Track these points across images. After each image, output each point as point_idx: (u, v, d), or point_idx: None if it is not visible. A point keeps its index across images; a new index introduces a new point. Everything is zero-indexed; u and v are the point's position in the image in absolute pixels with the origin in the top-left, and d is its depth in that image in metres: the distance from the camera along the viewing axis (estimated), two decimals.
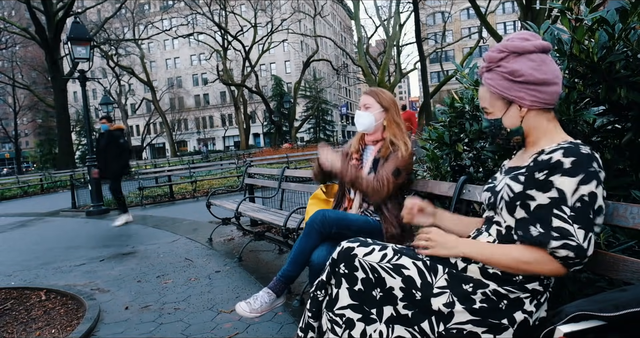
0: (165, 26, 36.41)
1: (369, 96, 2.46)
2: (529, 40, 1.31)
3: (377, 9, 38.11)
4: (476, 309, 1.23)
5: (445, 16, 35.63)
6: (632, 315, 0.99)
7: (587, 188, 1.16)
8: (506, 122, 1.39)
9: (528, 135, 1.38)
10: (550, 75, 1.30)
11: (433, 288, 1.27)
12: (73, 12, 19.50)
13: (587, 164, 1.18)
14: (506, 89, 1.33)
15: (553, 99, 1.33)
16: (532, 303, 1.24)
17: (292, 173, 4.80)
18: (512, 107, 1.36)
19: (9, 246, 6.50)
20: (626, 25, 1.54)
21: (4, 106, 49.55)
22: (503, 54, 1.33)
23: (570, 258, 1.15)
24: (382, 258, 1.35)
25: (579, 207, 1.16)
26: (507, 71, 1.31)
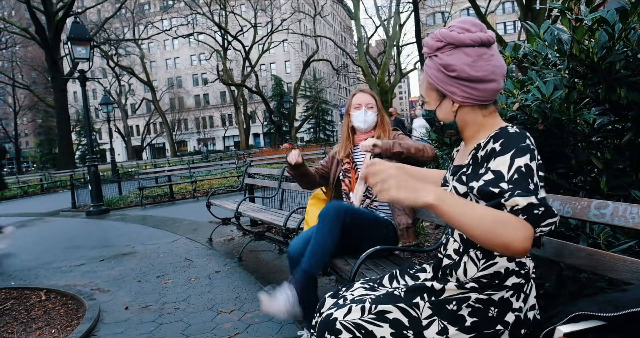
0: (165, 26, 36.43)
1: (370, 96, 2.58)
2: (468, 32, 1.22)
3: (377, 9, 38.09)
4: (469, 327, 1.20)
5: (445, 16, 35.64)
6: (632, 315, 0.99)
7: (521, 160, 1.09)
8: (439, 115, 1.31)
9: (463, 130, 1.30)
10: (485, 72, 1.20)
11: (421, 322, 1.23)
12: (73, 12, 19.50)
13: (516, 141, 1.13)
14: (440, 81, 1.26)
15: (490, 96, 1.24)
16: (519, 300, 1.21)
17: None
18: (445, 100, 1.28)
19: (9, 246, 6.49)
20: (626, 25, 1.54)
21: (4, 106, 49.56)
22: (440, 44, 1.24)
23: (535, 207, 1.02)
24: (362, 313, 1.29)
25: (517, 178, 1.07)
26: (442, 63, 1.23)
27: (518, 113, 1.86)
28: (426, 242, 4.13)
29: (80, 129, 46.20)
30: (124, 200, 10.98)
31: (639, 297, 1.02)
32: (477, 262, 1.22)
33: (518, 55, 2.06)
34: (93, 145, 10.50)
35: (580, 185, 1.83)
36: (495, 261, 1.20)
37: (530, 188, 1.05)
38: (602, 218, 1.32)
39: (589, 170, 1.81)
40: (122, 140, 51.31)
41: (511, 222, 1.01)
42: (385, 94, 27.45)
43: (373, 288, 1.44)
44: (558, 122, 1.74)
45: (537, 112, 1.75)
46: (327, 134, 54.13)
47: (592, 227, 1.60)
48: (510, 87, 1.90)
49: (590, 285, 1.58)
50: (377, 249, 2.07)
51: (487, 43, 1.23)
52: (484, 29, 1.24)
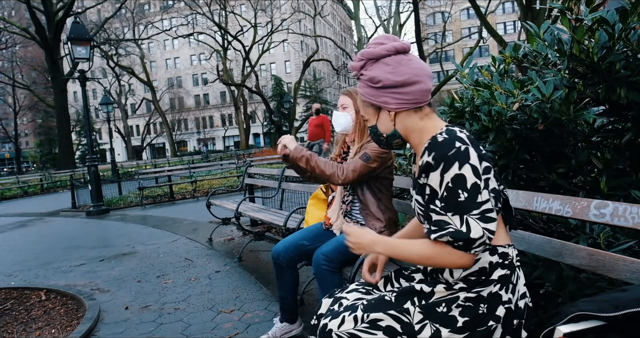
0: (165, 26, 36.42)
1: (346, 96, 2.41)
2: (382, 44, 1.31)
3: (377, 9, 38.18)
4: (461, 327, 1.20)
5: (445, 16, 35.62)
6: (632, 315, 0.99)
7: (449, 175, 1.16)
8: (381, 128, 1.38)
9: (408, 138, 1.35)
10: (408, 75, 1.28)
11: (414, 327, 1.24)
12: (73, 12, 19.51)
13: (444, 151, 1.17)
14: (372, 95, 1.33)
15: (421, 97, 1.30)
16: (507, 292, 1.22)
17: (292, 173, 4.79)
18: (382, 112, 1.35)
19: (9, 246, 6.50)
20: (626, 25, 1.54)
21: (4, 106, 49.55)
22: (362, 63, 1.33)
23: (457, 243, 1.15)
24: (355, 322, 1.31)
25: (446, 196, 1.16)
26: (367, 79, 1.32)
27: (518, 113, 1.86)
28: None
29: (80, 129, 46.19)
30: (124, 200, 10.98)
31: (639, 297, 1.02)
32: None
33: (518, 55, 2.06)
34: (93, 145, 10.50)
35: (580, 185, 1.83)
36: (478, 257, 1.22)
37: (461, 201, 1.15)
38: (602, 218, 1.32)
39: (589, 170, 1.81)
40: (122, 140, 51.31)
41: (444, 252, 1.19)
42: None
43: (368, 292, 1.46)
44: (558, 122, 1.74)
45: (537, 112, 1.75)
46: None
47: (592, 227, 1.60)
48: (510, 87, 1.89)
49: (590, 285, 1.58)
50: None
51: (402, 50, 1.31)
52: (397, 39, 1.33)
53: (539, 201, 1.54)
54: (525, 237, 1.57)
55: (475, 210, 1.14)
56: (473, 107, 2.21)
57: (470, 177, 1.15)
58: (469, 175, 1.15)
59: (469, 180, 1.15)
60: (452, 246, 1.16)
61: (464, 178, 1.15)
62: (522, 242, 1.58)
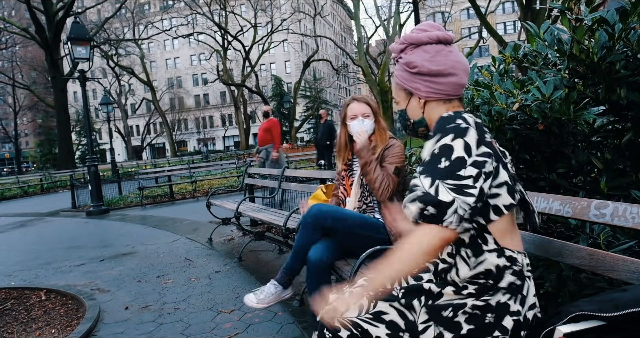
0: (165, 26, 36.40)
1: (365, 105, 2.46)
2: (426, 32, 1.31)
3: (377, 9, 38.08)
4: (465, 335, 1.18)
5: (445, 16, 35.63)
6: (632, 315, 0.99)
7: (440, 143, 1.14)
8: (409, 113, 1.40)
9: (431, 126, 1.34)
10: (444, 66, 1.28)
11: (418, 326, 1.23)
12: (73, 12, 19.50)
13: (444, 124, 1.18)
14: (406, 80, 1.34)
15: (453, 90, 1.30)
16: (516, 302, 1.19)
17: (292, 174, 4.80)
18: (412, 98, 1.36)
19: (9, 246, 6.50)
20: (626, 25, 1.54)
21: (4, 106, 49.56)
22: (403, 46, 1.34)
23: (423, 209, 1.08)
24: (360, 311, 1.31)
25: (427, 161, 1.15)
26: (405, 62, 1.32)
27: (518, 113, 1.86)
28: None
29: (80, 129, 46.19)
30: (124, 200, 10.98)
31: (639, 297, 1.02)
32: (468, 260, 1.22)
33: (518, 55, 2.06)
34: (93, 145, 10.50)
35: (580, 185, 1.83)
36: (484, 258, 1.20)
37: (440, 167, 1.11)
38: (602, 218, 1.32)
39: (589, 170, 1.81)
40: (122, 140, 51.30)
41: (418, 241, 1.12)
42: (385, 94, 27.43)
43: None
44: (558, 122, 1.74)
45: (537, 112, 1.75)
46: None
47: (592, 227, 1.60)
48: (510, 87, 1.89)
49: (590, 285, 1.58)
50: (376, 249, 2.07)
51: (445, 40, 1.31)
52: (442, 28, 1.33)
53: (539, 201, 1.54)
54: (525, 237, 1.57)
55: (450, 179, 1.10)
56: (473, 107, 2.21)
57: (459, 151, 1.12)
58: (457, 148, 1.13)
59: (456, 153, 1.12)
60: (423, 220, 1.09)
61: (452, 150, 1.13)
62: (522, 242, 1.58)
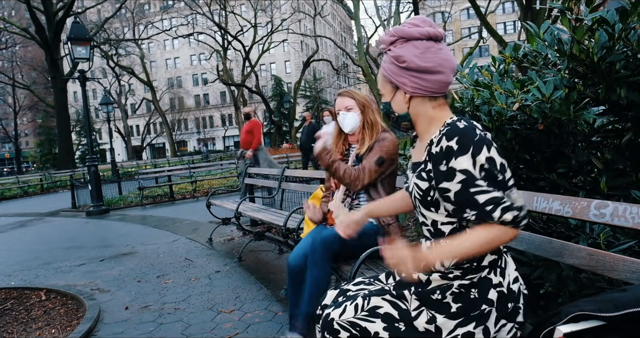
0: (165, 26, 36.37)
1: (349, 98, 2.47)
2: (417, 27, 1.31)
3: (377, 9, 38.04)
4: (455, 312, 1.24)
5: (445, 16, 35.60)
6: (632, 315, 0.99)
7: (481, 156, 1.18)
8: (394, 107, 1.40)
9: (416, 122, 1.38)
10: (433, 64, 1.28)
11: (411, 313, 1.28)
12: (73, 12, 19.50)
13: (470, 136, 1.20)
14: (393, 73, 1.34)
15: (439, 88, 1.31)
16: (496, 275, 1.25)
17: (292, 174, 4.80)
18: (398, 92, 1.36)
19: (9, 246, 6.50)
20: (626, 25, 1.54)
21: (4, 106, 49.55)
22: (393, 38, 1.33)
23: (516, 216, 1.16)
24: (356, 311, 1.35)
25: (485, 175, 1.18)
26: (394, 56, 1.32)
27: (518, 113, 1.86)
28: None
29: (80, 129, 46.17)
30: (124, 200, 10.98)
31: (639, 297, 1.02)
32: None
33: (518, 55, 2.06)
34: (93, 145, 10.50)
35: (580, 185, 1.83)
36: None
37: (499, 179, 1.18)
38: (602, 218, 1.32)
39: (589, 170, 1.81)
40: (122, 140, 51.28)
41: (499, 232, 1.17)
42: None
43: (371, 283, 1.50)
44: (558, 122, 1.74)
45: (537, 112, 1.75)
46: None
47: (592, 227, 1.60)
48: (510, 87, 1.89)
49: (590, 285, 1.58)
50: (376, 249, 2.07)
51: (435, 37, 1.31)
52: (433, 25, 1.33)
53: (539, 201, 1.54)
54: (525, 237, 1.57)
55: (509, 186, 1.21)
56: (473, 107, 2.21)
57: (498, 158, 1.20)
58: (496, 156, 1.20)
59: (498, 161, 1.20)
60: (507, 223, 1.16)
61: (495, 161, 1.20)
62: (522, 242, 1.58)
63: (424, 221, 1.36)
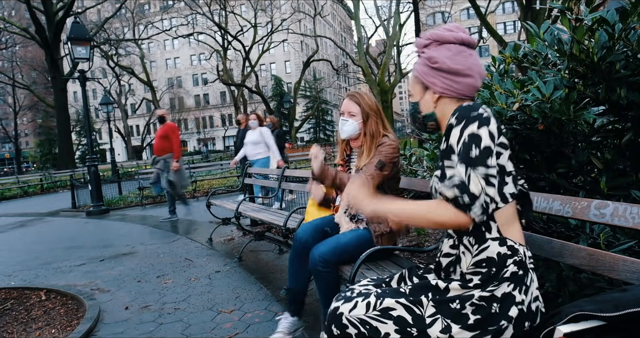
0: (165, 26, 36.36)
1: (354, 103, 2.39)
2: (451, 32, 1.37)
3: (377, 9, 37.95)
4: (472, 324, 1.21)
5: (445, 16, 35.62)
6: (632, 315, 0.99)
7: (467, 130, 1.21)
8: (422, 107, 1.45)
9: (442, 122, 1.42)
10: (462, 67, 1.33)
11: (425, 320, 1.26)
12: (73, 12, 19.49)
13: (468, 111, 1.24)
14: (424, 73, 1.39)
15: (467, 91, 1.36)
16: (520, 293, 1.23)
17: (292, 174, 4.80)
18: (428, 92, 1.41)
19: (9, 246, 6.50)
20: (626, 25, 1.54)
21: (4, 106, 49.55)
22: (427, 42, 1.39)
23: (459, 197, 1.17)
24: (367, 309, 1.33)
25: (461, 149, 1.21)
26: (427, 57, 1.38)
27: (518, 113, 1.86)
28: (426, 242, 4.13)
29: (80, 129, 46.17)
30: (124, 200, 10.98)
31: (639, 297, 1.02)
32: (471, 249, 1.27)
33: (518, 55, 2.06)
34: (93, 145, 10.50)
35: (580, 185, 1.83)
36: (486, 245, 1.25)
37: (471, 156, 1.18)
38: (602, 218, 1.32)
39: (589, 170, 1.81)
40: (122, 140, 51.27)
41: (443, 208, 1.21)
42: (385, 94, 27.44)
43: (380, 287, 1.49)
44: (558, 122, 1.74)
45: (537, 112, 1.75)
46: (327, 134, 54.11)
47: (592, 227, 1.60)
48: (510, 87, 1.89)
49: (590, 285, 1.58)
50: (376, 249, 2.07)
51: (468, 43, 1.37)
52: (466, 32, 1.40)
53: (539, 201, 1.54)
54: (525, 237, 1.57)
55: (481, 167, 1.18)
56: None
57: (486, 139, 1.20)
58: (484, 136, 1.20)
59: (484, 141, 1.19)
60: (452, 204, 1.19)
61: (479, 138, 1.20)
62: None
63: None
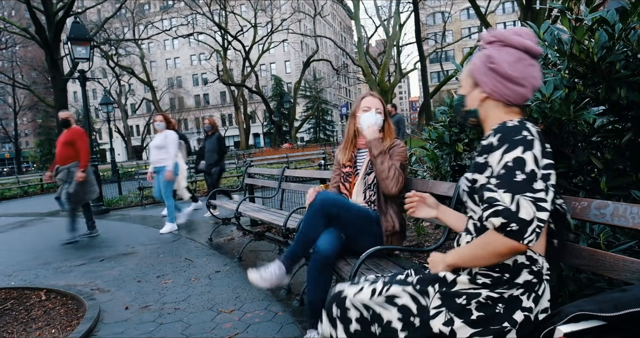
0: (165, 26, 36.35)
1: (379, 101, 2.55)
2: (519, 37, 1.33)
3: (377, 9, 38.01)
4: (475, 320, 1.21)
5: (445, 16, 35.61)
6: (632, 315, 0.99)
7: (510, 155, 1.18)
8: (468, 101, 1.44)
9: (484, 121, 1.41)
10: (519, 75, 1.30)
11: (429, 311, 1.26)
12: (73, 12, 19.47)
13: (511, 135, 1.21)
14: (478, 70, 1.37)
15: (515, 99, 1.34)
16: (529, 299, 1.22)
17: (292, 173, 4.80)
18: (476, 89, 1.40)
19: (9, 246, 6.50)
20: (626, 25, 1.54)
21: (4, 106, 49.55)
22: (493, 39, 1.36)
23: (505, 225, 1.13)
24: (373, 294, 1.34)
25: (503, 174, 1.17)
26: (487, 54, 1.35)
27: None
28: (426, 242, 4.13)
29: None
30: (124, 200, 10.97)
31: (639, 297, 1.02)
32: None
33: None
34: (93, 145, 10.49)
35: (580, 185, 1.83)
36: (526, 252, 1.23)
37: (516, 180, 1.15)
38: (602, 218, 1.32)
39: (589, 170, 1.81)
40: (122, 140, 51.29)
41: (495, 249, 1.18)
42: (385, 94, 27.43)
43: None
44: (558, 122, 1.74)
45: (537, 112, 1.75)
46: (327, 134, 54.11)
47: (592, 227, 1.60)
48: None
49: (590, 285, 1.58)
50: (377, 249, 2.07)
51: (532, 52, 1.32)
52: (534, 40, 1.35)
53: None
54: None
55: (529, 192, 1.14)
56: None
57: (530, 163, 1.17)
58: (529, 161, 1.17)
59: (528, 166, 1.17)
60: (503, 233, 1.15)
61: (524, 162, 1.17)
62: None
63: (472, 215, 1.37)
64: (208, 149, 7.30)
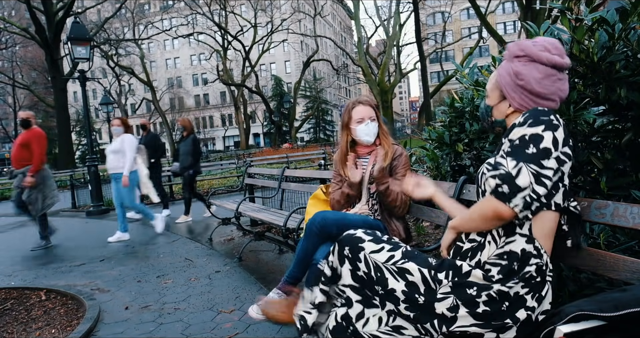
0: (165, 26, 36.35)
1: (370, 108, 2.43)
2: (547, 53, 1.33)
3: (377, 9, 37.94)
4: (479, 313, 1.23)
5: (445, 16, 35.62)
6: (632, 315, 0.99)
7: (530, 130, 1.22)
8: (495, 112, 1.47)
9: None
10: (547, 91, 1.32)
11: (437, 294, 1.28)
12: (73, 12, 19.49)
13: (539, 115, 1.25)
14: (507, 84, 1.39)
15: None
16: (533, 298, 1.24)
17: (292, 173, 4.80)
18: (504, 101, 1.43)
19: (9, 246, 6.50)
20: (626, 25, 1.54)
21: (4, 106, 49.56)
22: (521, 53, 1.37)
23: (498, 186, 1.17)
24: (389, 260, 1.35)
25: (517, 144, 1.22)
26: (515, 70, 1.36)
27: None
28: (426, 242, 4.13)
29: (80, 129, 46.17)
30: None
31: (639, 297, 1.02)
32: (498, 240, 1.29)
33: None
34: (93, 145, 10.49)
35: (580, 185, 1.83)
36: (513, 239, 1.26)
37: (527, 152, 1.18)
38: (602, 219, 1.32)
39: (589, 170, 1.81)
40: None
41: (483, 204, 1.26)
42: (385, 94, 27.44)
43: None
44: None
45: None
46: (327, 134, 54.15)
47: (592, 227, 1.60)
48: None
49: (590, 285, 1.58)
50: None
51: (560, 67, 1.33)
52: (563, 54, 1.35)
53: None
54: None
55: (534, 165, 1.17)
56: (473, 107, 2.21)
57: (547, 142, 1.20)
58: (547, 139, 1.20)
59: (544, 143, 1.19)
60: (494, 195, 1.20)
61: (541, 139, 1.20)
62: None
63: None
64: (183, 151, 6.93)
